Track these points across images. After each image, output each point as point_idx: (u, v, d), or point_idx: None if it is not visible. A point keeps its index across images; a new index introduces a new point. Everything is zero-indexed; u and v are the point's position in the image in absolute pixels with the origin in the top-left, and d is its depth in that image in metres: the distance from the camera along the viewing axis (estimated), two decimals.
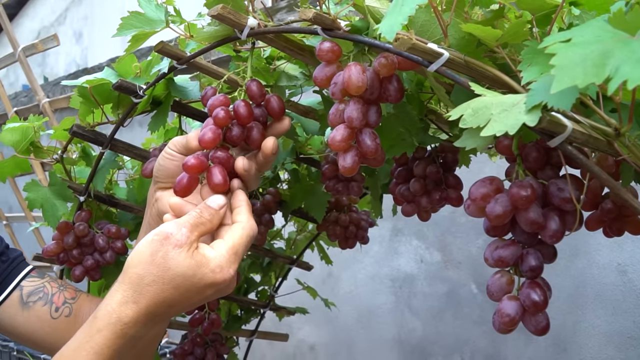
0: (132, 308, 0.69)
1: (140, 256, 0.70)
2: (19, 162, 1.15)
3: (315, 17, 0.65)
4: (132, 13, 0.88)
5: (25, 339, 1.03)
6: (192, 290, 0.70)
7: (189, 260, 0.69)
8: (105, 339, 0.69)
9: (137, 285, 0.70)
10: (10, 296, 1.01)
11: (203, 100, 0.81)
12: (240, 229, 0.74)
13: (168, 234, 0.70)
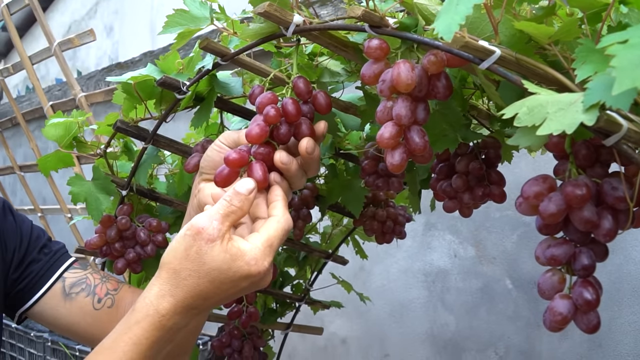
0: (169, 301, 0.71)
1: (175, 252, 0.72)
2: (62, 157, 1.17)
3: (364, 15, 0.65)
4: (177, 11, 0.89)
5: (67, 330, 1.06)
6: (227, 282, 0.71)
7: (223, 254, 0.70)
8: (143, 330, 0.71)
9: (173, 280, 0.71)
10: (52, 287, 1.03)
11: (251, 98, 0.82)
12: (275, 222, 0.74)
13: (200, 229, 0.71)
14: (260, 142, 0.76)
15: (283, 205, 0.77)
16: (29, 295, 1.02)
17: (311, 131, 0.79)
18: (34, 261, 1.03)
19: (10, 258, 1.02)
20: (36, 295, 1.02)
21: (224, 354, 1.42)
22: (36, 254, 1.04)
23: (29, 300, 1.02)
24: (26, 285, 1.02)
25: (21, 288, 1.02)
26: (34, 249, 1.05)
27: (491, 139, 0.92)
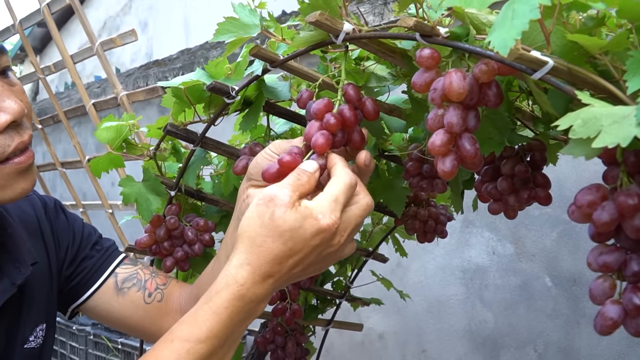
0: (246, 269, 0.73)
1: (249, 221, 0.74)
2: (113, 158, 1.21)
3: (416, 25, 0.67)
4: (227, 18, 0.92)
5: (119, 324, 1.10)
6: (300, 242, 0.73)
7: (294, 214, 0.72)
8: (222, 300, 0.73)
9: (249, 247, 0.73)
10: (105, 283, 1.07)
11: (299, 102, 0.84)
12: (336, 179, 0.75)
13: (272, 196, 0.73)
14: (327, 151, 0.77)
15: (342, 165, 0.77)
16: (82, 290, 1.06)
17: (361, 137, 0.81)
18: (87, 258, 1.07)
19: (64, 255, 1.06)
20: (90, 290, 1.06)
21: (267, 350, 1.46)
22: (89, 250, 1.09)
23: (83, 295, 1.06)
24: (80, 280, 1.06)
25: (75, 284, 1.06)
26: (86, 246, 1.09)
27: (536, 141, 0.93)
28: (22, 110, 0.84)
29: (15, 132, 0.84)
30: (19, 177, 0.85)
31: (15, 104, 0.83)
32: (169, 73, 3.44)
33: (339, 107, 0.79)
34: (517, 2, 0.54)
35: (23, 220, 1.02)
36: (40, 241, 1.04)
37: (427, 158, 1.01)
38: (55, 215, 1.09)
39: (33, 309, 0.99)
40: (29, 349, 0.97)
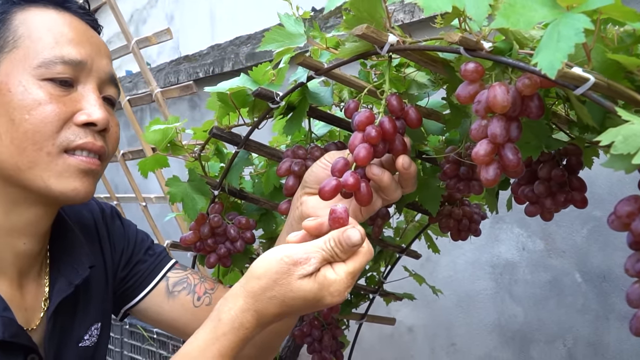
0: (253, 315, 0.77)
1: (265, 271, 0.76)
2: (158, 159, 1.26)
3: (461, 40, 0.70)
4: (274, 28, 0.96)
5: (168, 326, 1.15)
6: (308, 308, 0.77)
7: (311, 284, 0.75)
8: (229, 342, 0.77)
9: (258, 296, 0.76)
10: (157, 286, 1.12)
11: (346, 112, 0.88)
12: (362, 255, 0.78)
13: (298, 261, 0.75)
14: (368, 163, 0.82)
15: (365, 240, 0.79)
16: (135, 292, 1.12)
17: (403, 146, 0.84)
18: (140, 262, 1.13)
19: (119, 258, 1.12)
20: (143, 292, 1.11)
21: (303, 343, 1.50)
22: (142, 255, 1.14)
23: (136, 297, 1.11)
24: (133, 283, 1.12)
25: (128, 286, 1.11)
26: (139, 250, 1.14)
27: (572, 146, 0.96)
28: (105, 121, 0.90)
29: (90, 133, 0.90)
30: (76, 175, 0.90)
31: (101, 113, 0.90)
32: (199, 69, 3.50)
33: (380, 120, 0.83)
34: (562, 24, 0.57)
35: (82, 225, 1.08)
36: (97, 245, 1.09)
37: (464, 161, 1.05)
38: (111, 221, 1.14)
39: (89, 308, 1.04)
40: (84, 347, 1.02)
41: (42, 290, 0.98)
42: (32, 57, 0.88)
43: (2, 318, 0.87)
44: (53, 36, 0.89)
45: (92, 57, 0.92)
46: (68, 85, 0.89)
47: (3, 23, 0.90)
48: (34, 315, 0.96)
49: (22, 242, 0.93)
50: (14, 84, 0.86)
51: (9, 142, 0.86)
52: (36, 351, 0.92)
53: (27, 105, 0.86)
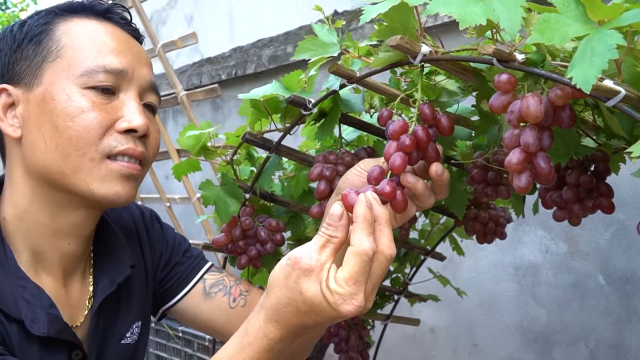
0: (275, 326, 0.78)
1: (276, 280, 0.78)
2: (191, 163, 1.30)
3: (495, 52, 0.73)
4: (307, 37, 0.99)
5: (204, 326, 1.18)
6: (321, 318, 0.76)
7: (319, 291, 0.74)
8: (254, 352, 0.79)
9: (276, 306, 0.77)
10: (195, 287, 1.16)
11: (380, 120, 0.91)
12: (351, 256, 0.74)
13: (298, 259, 0.75)
14: (403, 171, 0.84)
15: (363, 228, 0.76)
16: (174, 293, 1.15)
17: (436, 153, 0.87)
18: (179, 264, 1.16)
19: (158, 260, 1.15)
20: (181, 293, 1.15)
21: (330, 342, 1.53)
22: (180, 257, 1.18)
23: (174, 297, 1.15)
24: (172, 284, 1.15)
25: (167, 287, 1.15)
26: (177, 252, 1.18)
27: (600, 152, 0.98)
28: (145, 127, 0.94)
29: (131, 139, 0.94)
30: (117, 180, 0.94)
31: (141, 120, 0.93)
32: (222, 71, 3.54)
33: (414, 128, 0.85)
34: (595, 40, 0.59)
35: (123, 227, 1.12)
36: (138, 246, 1.13)
37: (492, 166, 1.07)
38: (151, 224, 1.18)
39: (130, 307, 1.08)
40: (125, 345, 1.06)
41: (87, 289, 1.02)
42: (75, 66, 0.91)
43: (48, 315, 0.91)
44: (95, 46, 0.93)
45: (133, 66, 0.96)
46: (110, 93, 0.93)
47: (46, 34, 0.94)
48: (79, 312, 1.00)
49: (67, 242, 0.97)
50: (57, 92, 0.90)
51: (54, 148, 0.90)
52: (80, 347, 0.96)
53: (70, 113, 0.90)
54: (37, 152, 0.91)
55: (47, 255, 0.96)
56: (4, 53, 0.96)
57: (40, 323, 0.90)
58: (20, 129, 0.93)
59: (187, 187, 2.78)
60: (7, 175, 0.97)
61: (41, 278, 0.96)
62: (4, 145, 0.98)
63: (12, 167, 0.96)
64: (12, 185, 0.95)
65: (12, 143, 0.96)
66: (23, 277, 0.92)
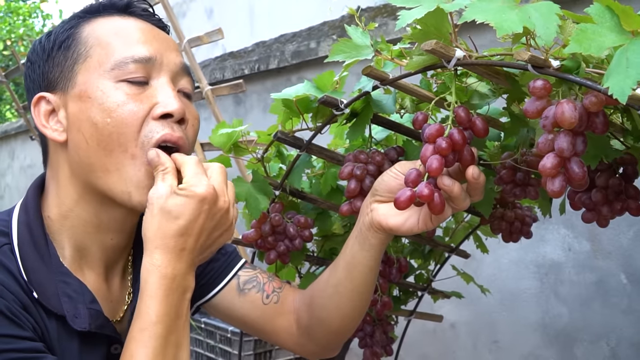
0: (158, 252, 0.87)
1: (145, 221, 0.89)
2: (223, 160, 1.33)
3: (530, 58, 0.75)
4: (341, 40, 1.01)
5: (238, 321, 1.20)
6: (189, 212, 0.87)
7: (175, 196, 0.87)
8: (152, 284, 0.87)
9: (151, 238, 0.88)
10: (229, 283, 1.18)
11: (415, 124, 0.93)
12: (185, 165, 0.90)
13: (151, 196, 0.88)
14: (440, 174, 0.86)
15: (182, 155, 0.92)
16: (209, 289, 1.18)
17: (472, 156, 0.89)
18: (214, 260, 1.19)
19: None
20: (216, 289, 1.17)
21: (355, 337, 1.56)
22: (215, 254, 1.20)
23: (209, 293, 1.18)
24: (207, 280, 1.18)
25: (203, 283, 1.17)
26: None
27: (628, 155, 0.99)
28: (181, 111, 0.95)
29: (168, 125, 0.94)
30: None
31: (176, 103, 0.94)
32: (245, 65, 3.57)
33: (450, 131, 0.87)
34: (630, 51, 0.61)
35: None
36: None
37: (520, 167, 1.08)
38: None
39: None
40: None
41: (126, 284, 1.05)
42: (104, 62, 0.93)
43: (89, 310, 0.94)
44: (122, 39, 0.95)
45: (161, 52, 0.97)
46: (142, 83, 0.94)
47: (73, 38, 0.96)
48: (119, 307, 1.03)
49: (110, 237, 1.00)
50: (92, 89, 0.92)
51: (96, 145, 0.92)
52: (120, 341, 0.99)
53: (107, 108, 0.92)
54: (80, 152, 0.94)
55: (91, 250, 0.99)
56: (37, 65, 0.98)
57: (82, 318, 0.93)
58: (65, 133, 0.95)
59: None
60: (52, 178, 1.00)
61: (84, 273, 0.99)
62: (48, 151, 1.01)
63: (57, 170, 0.98)
64: (58, 187, 0.98)
65: (57, 147, 0.98)
66: (66, 273, 0.95)
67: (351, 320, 1.15)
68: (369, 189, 1.07)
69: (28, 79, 1.01)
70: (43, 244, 0.95)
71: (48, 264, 0.94)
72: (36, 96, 0.96)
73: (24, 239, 0.95)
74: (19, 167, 8.18)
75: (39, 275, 0.92)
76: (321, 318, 1.14)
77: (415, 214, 0.99)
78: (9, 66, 11.14)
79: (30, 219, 0.96)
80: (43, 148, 1.02)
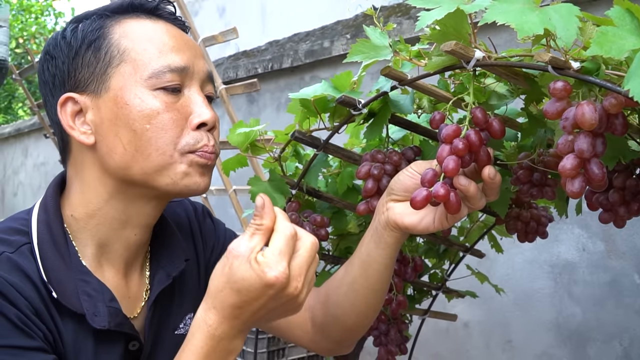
0: (213, 312, 0.84)
1: (214, 272, 0.85)
2: (240, 159, 1.34)
3: (551, 60, 0.75)
4: (360, 40, 1.02)
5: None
6: (253, 291, 0.81)
7: (248, 266, 0.81)
8: (197, 340, 0.84)
9: (213, 294, 0.84)
10: None
11: (432, 123, 0.94)
12: (277, 234, 0.83)
13: (230, 249, 0.83)
14: (456, 174, 0.87)
15: (282, 218, 0.85)
16: None
17: (488, 157, 0.89)
18: None
19: (209, 254, 1.19)
20: None
21: (370, 336, 1.56)
22: None
23: None
24: None
25: None
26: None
27: None
28: (214, 119, 0.98)
29: (205, 134, 0.98)
30: (198, 171, 0.98)
31: (209, 112, 0.97)
32: (258, 64, 3.58)
33: (466, 132, 0.88)
34: None
35: (177, 222, 1.16)
36: (191, 240, 1.17)
37: (537, 167, 1.09)
38: (203, 218, 1.22)
39: (184, 299, 1.12)
40: (179, 335, 1.10)
41: (144, 281, 1.06)
42: (141, 69, 0.94)
43: (108, 308, 0.95)
44: (156, 46, 0.96)
45: (193, 61, 0.99)
46: (177, 92, 0.96)
47: (103, 38, 0.96)
48: (136, 304, 1.05)
49: (134, 233, 1.01)
50: (130, 97, 0.94)
51: (134, 151, 0.94)
52: (137, 338, 1.00)
53: (146, 116, 0.93)
54: (115, 156, 0.95)
55: (114, 247, 1.00)
56: (60, 61, 0.98)
57: (102, 316, 0.94)
58: (93, 136, 0.96)
59: (224, 180, 2.83)
60: (75, 177, 1.00)
61: (103, 270, 1.00)
62: (70, 150, 1.01)
63: (81, 170, 0.99)
64: (84, 186, 0.99)
65: (82, 148, 0.98)
66: (85, 272, 0.96)
67: (365, 317, 1.16)
68: (386, 188, 1.08)
69: (47, 73, 1.00)
70: (63, 243, 0.97)
71: (68, 263, 0.95)
72: (63, 96, 0.96)
73: (44, 238, 0.96)
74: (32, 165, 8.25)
75: (58, 274, 0.94)
76: (336, 315, 1.15)
77: (431, 213, 0.99)
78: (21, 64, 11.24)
79: (50, 218, 0.98)
80: (62, 146, 1.02)
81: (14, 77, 5.11)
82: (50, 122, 1.03)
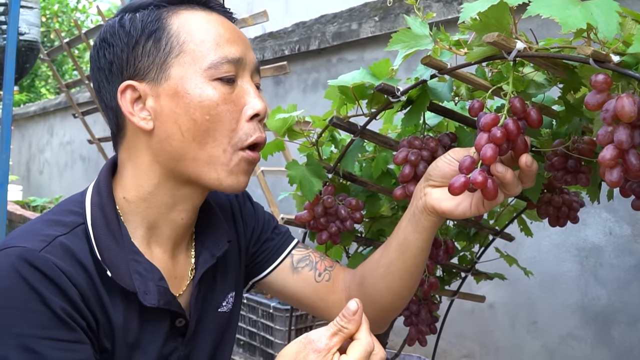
0: None
1: (289, 352, 0.87)
2: (277, 143, 1.38)
3: (592, 53, 0.78)
4: (401, 30, 1.04)
5: (291, 298, 1.27)
6: None
7: None
8: None
9: None
10: (284, 262, 1.24)
11: (471, 111, 0.96)
12: (358, 345, 0.86)
13: (311, 340, 0.86)
14: (494, 162, 0.90)
15: (365, 329, 0.88)
16: (264, 266, 1.24)
17: (525, 145, 0.92)
18: (269, 240, 1.25)
19: (250, 235, 1.24)
20: (270, 267, 1.23)
21: (401, 316, 1.61)
22: (270, 233, 1.26)
23: (264, 271, 1.24)
24: (262, 258, 1.24)
25: (258, 261, 1.23)
26: (267, 229, 1.26)
27: None
28: (265, 109, 1.02)
29: (257, 126, 1.02)
30: (243, 169, 1.02)
31: (260, 103, 1.01)
32: (285, 46, 3.60)
33: (505, 121, 0.91)
34: None
35: (219, 205, 1.20)
36: (232, 222, 1.21)
37: (572, 154, 1.11)
38: (243, 202, 1.26)
39: (226, 278, 1.17)
40: (221, 313, 1.15)
41: (189, 261, 1.11)
42: (200, 60, 0.98)
43: (158, 287, 1.00)
44: (213, 38, 0.99)
45: (245, 52, 1.03)
46: (232, 82, 1.00)
47: (163, 29, 0.99)
48: (182, 282, 1.09)
49: (181, 217, 1.06)
50: (190, 86, 0.97)
51: (191, 139, 0.98)
52: (183, 315, 1.05)
53: (206, 106, 0.97)
54: (172, 142, 0.99)
55: (162, 228, 1.05)
56: (119, 48, 1.00)
57: (152, 295, 0.99)
58: (152, 122, 1.00)
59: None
60: (128, 161, 1.04)
61: (152, 251, 1.05)
62: (124, 134, 1.04)
63: (135, 154, 1.03)
64: (137, 170, 1.03)
65: (139, 133, 1.02)
66: (137, 252, 1.01)
67: (401, 298, 1.20)
68: (422, 174, 1.11)
69: (103, 60, 1.02)
70: (115, 224, 1.01)
71: (120, 244, 1.00)
72: (124, 84, 0.99)
73: (97, 219, 1.00)
74: (58, 144, 8.37)
75: (111, 254, 0.98)
76: (372, 296, 1.19)
77: (468, 199, 1.02)
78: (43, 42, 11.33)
79: (103, 201, 1.02)
80: (117, 131, 1.06)
81: (42, 57, 5.18)
82: (102, 106, 1.06)
